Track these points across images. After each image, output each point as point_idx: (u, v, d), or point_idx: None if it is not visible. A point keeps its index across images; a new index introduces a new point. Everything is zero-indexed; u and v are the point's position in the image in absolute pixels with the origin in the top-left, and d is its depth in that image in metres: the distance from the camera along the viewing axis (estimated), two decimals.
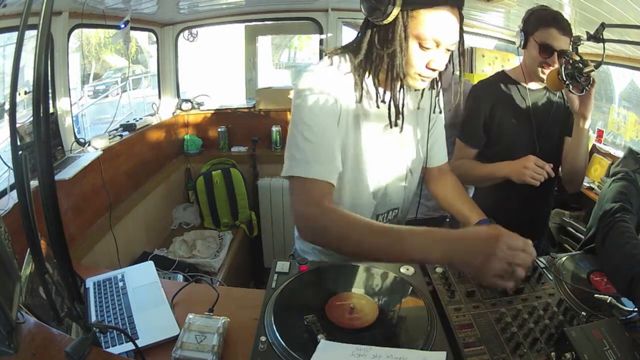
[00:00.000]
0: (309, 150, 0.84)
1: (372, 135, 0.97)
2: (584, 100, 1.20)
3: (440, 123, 1.14)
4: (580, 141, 1.28)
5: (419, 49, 0.85)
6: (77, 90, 2.86)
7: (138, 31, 2.61)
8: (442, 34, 0.83)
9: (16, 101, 0.63)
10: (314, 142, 0.84)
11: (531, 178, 1.20)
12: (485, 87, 1.43)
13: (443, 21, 0.82)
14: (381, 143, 0.99)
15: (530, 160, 1.21)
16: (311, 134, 0.84)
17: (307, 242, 0.93)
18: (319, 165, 0.84)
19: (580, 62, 1.15)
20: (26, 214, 0.60)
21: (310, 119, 0.84)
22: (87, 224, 1.87)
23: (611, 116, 2.21)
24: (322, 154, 0.84)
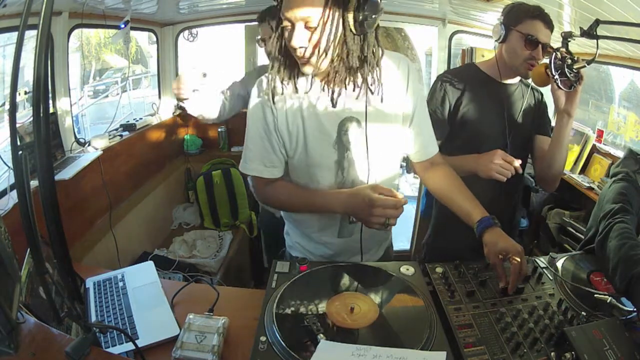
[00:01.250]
0: (247, 152, 1.03)
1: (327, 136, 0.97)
2: (570, 97, 1.18)
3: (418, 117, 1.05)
4: (562, 139, 1.25)
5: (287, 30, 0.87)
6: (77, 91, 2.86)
7: (138, 31, 2.61)
8: (286, 8, 0.84)
9: (16, 101, 0.63)
10: (250, 147, 1.02)
11: (498, 173, 1.16)
12: (453, 77, 1.36)
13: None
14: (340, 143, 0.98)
15: (498, 155, 1.17)
16: (248, 139, 1.03)
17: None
18: (253, 165, 1.03)
19: (570, 57, 1.13)
20: (26, 214, 0.60)
21: (249, 126, 1.02)
22: (87, 224, 1.87)
23: (611, 116, 2.21)
24: (256, 157, 1.02)
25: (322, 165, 1.01)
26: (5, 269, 0.68)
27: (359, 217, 0.95)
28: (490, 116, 1.33)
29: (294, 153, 1.00)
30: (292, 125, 0.97)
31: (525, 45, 1.24)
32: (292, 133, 0.98)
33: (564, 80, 1.15)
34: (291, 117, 0.96)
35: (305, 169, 1.02)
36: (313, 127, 0.97)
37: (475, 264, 1.01)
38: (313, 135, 0.97)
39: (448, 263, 1.02)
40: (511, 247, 0.92)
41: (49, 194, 0.57)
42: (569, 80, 1.15)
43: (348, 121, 0.97)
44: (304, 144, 0.98)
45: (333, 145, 0.99)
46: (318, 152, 0.99)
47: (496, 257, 0.93)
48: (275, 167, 1.03)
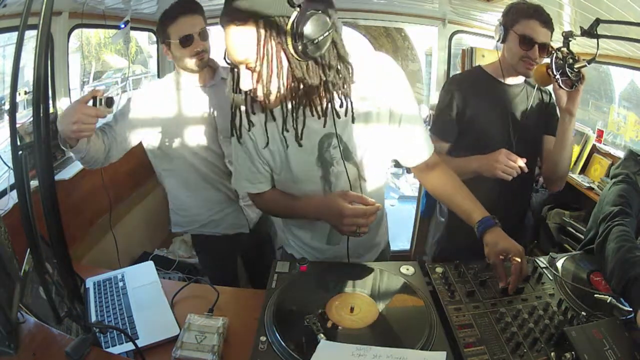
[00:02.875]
0: (235, 171, 1.07)
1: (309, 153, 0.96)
2: (571, 97, 1.18)
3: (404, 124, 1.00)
4: (565, 139, 1.25)
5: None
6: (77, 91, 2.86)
7: (138, 31, 2.61)
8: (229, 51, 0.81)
9: (16, 101, 0.63)
10: (237, 167, 1.05)
11: (503, 172, 1.17)
12: (458, 81, 1.39)
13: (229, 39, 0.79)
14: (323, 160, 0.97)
15: (502, 154, 1.17)
16: (235, 159, 1.05)
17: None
18: (242, 183, 1.06)
19: (571, 57, 1.13)
20: (26, 214, 0.60)
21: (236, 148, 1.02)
22: (87, 224, 1.87)
23: (611, 116, 2.21)
24: (243, 176, 1.05)
25: (307, 181, 1.00)
26: (5, 269, 0.68)
27: (331, 224, 0.96)
28: (494, 117, 1.33)
29: (279, 170, 1.01)
30: (272, 145, 0.96)
31: (520, 45, 1.24)
32: (274, 152, 0.97)
33: (565, 80, 1.15)
34: (270, 138, 0.95)
35: (292, 185, 1.02)
36: (293, 146, 0.95)
37: (475, 264, 1.01)
38: (294, 154, 0.96)
39: (448, 263, 1.02)
40: (512, 247, 0.92)
41: (49, 194, 0.57)
42: (570, 80, 1.15)
43: (327, 138, 0.95)
44: (286, 162, 0.98)
45: (316, 163, 0.97)
46: (301, 169, 0.98)
47: (497, 257, 0.92)
48: (261, 182, 1.05)
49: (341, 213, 0.90)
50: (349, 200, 0.91)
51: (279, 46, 0.77)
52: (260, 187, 1.05)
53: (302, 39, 0.74)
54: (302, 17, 0.73)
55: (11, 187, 1.36)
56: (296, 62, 0.78)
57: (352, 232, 0.92)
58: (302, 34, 0.73)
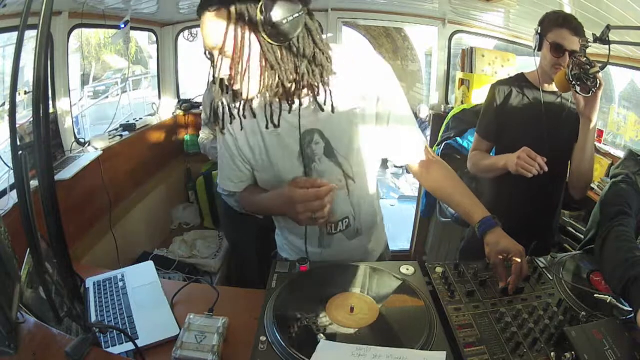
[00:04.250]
0: (219, 169, 1.08)
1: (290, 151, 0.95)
2: (589, 102, 1.20)
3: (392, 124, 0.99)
4: (585, 144, 1.28)
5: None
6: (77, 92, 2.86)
7: (138, 31, 2.61)
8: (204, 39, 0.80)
9: (16, 101, 0.63)
10: (220, 165, 1.06)
11: (522, 169, 1.23)
12: (501, 85, 1.49)
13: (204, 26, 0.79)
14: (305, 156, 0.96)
15: (524, 151, 1.25)
16: (219, 158, 1.06)
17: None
18: (223, 181, 1.07)
19: (587, 63, 1.16)
20: (26, 214, 0.60)
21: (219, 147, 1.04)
22: (87, 224, 1.87)
23: (611, 116, 2.21)
24: (225, 175, 1.06)
25: (288, 176, 0.98)
26: (5, 269, 0.68)
27: (290, 217, 0.92)
28: (530, 122, 1.39)
29: (261, 168, 1.00)
30: (252, 142, 0.96)
31: (552, 53, 1.31)
32: (255, 150, 0.97)
33: (582, 86, 1.18)
34: (251, 135, 0.95)
35: (275, 183, 1.00)
36: (274, 142, 0.94)
37: (475, 264, 1.01)
38: (275, 151, 0.95)
39: (448, 263, 1.02)
40: (513, 248, 0.92)
41: (49, 194, 0.57)
42: (587, 86, 1.17)
43: (309, 134, 0.93)
44: (267, 159, 0.97)
45: (297, 159, 0.96)
46: (283, 166, 0.97)
47: (497, 257, 0.92)
48: (243, 181, 1.05)
49: (292, 200, 0.87)
50: (300, 186, 0.88)
51: (250, 31, 0.77)
52: (241, 187, 1.05)
53: (271, 21, 0.74)
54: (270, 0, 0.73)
55: (11, 187, 1.36)
56: (268, 46, 0.78)
57: (309, 219, 0.87)
58: (270, 18, 0.74)
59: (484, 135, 1.51)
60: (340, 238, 1.07)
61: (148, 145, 2.54)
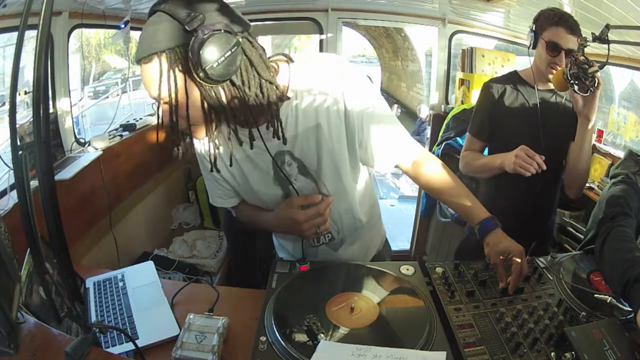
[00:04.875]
0: (208, 190, 1.08)
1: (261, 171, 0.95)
2: (588, 102, 1.20)
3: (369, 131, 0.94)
4: (583, 143, 1.27)
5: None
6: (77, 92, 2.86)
7: (138, 31, 2.60)
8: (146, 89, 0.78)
9: (16, 101, 0.63)
10: (207, 184, 1.07)
11: (520, 167, 1.22)
12: (494, 83, 1.47)
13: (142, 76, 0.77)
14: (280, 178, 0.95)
15: (521, 150, 1.23)
16: (207, 181, 1.07)
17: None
18: (214, 198, 1.08)
19: (586, 62, 1.15)
20: (26, 214, 0.60)
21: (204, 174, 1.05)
22: (87, 224, 1.87)
23: (611, 116, 2.21)
24: (213, 192, 1.07)
25: (270, 200, 0.99)
26: (5, 269, 0.68)
27: (292, 232, 0.98)
28: (525, 120, 1.38)
29: (242, 191, 1.02)
30: (232, 167, 0.94)
31: (547, 51, 1.29)
32: (234, 174, 0.98)
33: (580, 85, 1.17)
34: (227, 161, 0.93)
35: (259, 203, 1.03)
36: (249, 167, 0.94)
37: (475, 264, 1.01)
38: (252, 175, 0.96)
39: (448, 263, 1.02)
40: (513, 248, 0.92)
41: (49, 194, 0.57)
42: (585, 85, 1.17)
43: (279, 155, 0.92)
44: (247, 183, 0.98)
45: (273, 182, 0.96)
46: (262, 189, 0.98)
47: (497, 257, 0.92)
48: (232, 197, 1.06)
49: (296, 221, 0.92)
50: (297, 206, 0.93)
51: (185, 76, 0.73)
52: (232, 202, 1.07)
53: (202, 65, 0.69)
54: (197, 42, 0.69)
55: (11, 187, 1.36)
56: (207, 87, 0.74)
57: (315, 233, 0.94)
58: (200, 61, 0.69)
59: (477, 134, 1.49)
60: (324, 249, 1.09)
61: (148, 145, 2.54)
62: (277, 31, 3.47)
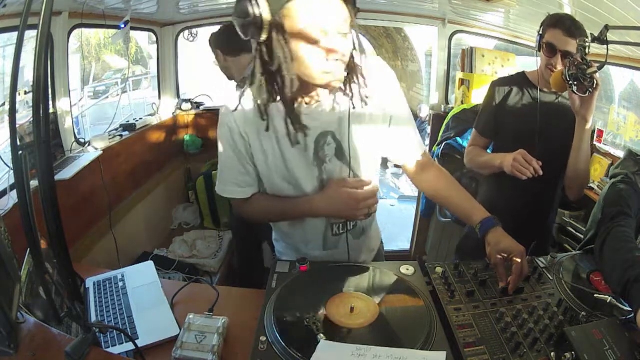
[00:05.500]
0: (221, 175, 1.03)
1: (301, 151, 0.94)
2: (586, 102, 1.20)
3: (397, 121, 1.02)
4: (581, 144, 1.27)
5: (309, 46, 0.77)
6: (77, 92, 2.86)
7: (138, 31, 2.61)
8: (324, 16, 0.75)
9: (16, 101, 0.63)
10: (224, 170, 1.02)
11: (517, 171, 1.25)
12: (501, 82, 1.50)
13: (317, 4, 0.75)
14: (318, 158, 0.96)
15: (519, 154, 1.26)
16: (221, 162, 1.02)
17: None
18: (228, 188, 1.03)
19: (584, 63, 1.15)
20: (26, 214, 0.60)
21: (220, 150, 1.00)
22: (87, 224, 1.87)
23: (611, 116, 2.21)
24: (230, 179, 1.02)
25: (304, 180, 0.98)
26: (5, 269, 0.68)
27: (343, 214, 0.98)
28: (527, 121, 1.40)
29: (273, 171, 0.97)
30: (266, 146, 0.94)
31: (545, 53, 1.32)
32: (268, 153, 0.95)
33: (579, 86, 1.18)
34: (265, 138, 0.93)
35: (285, 187, 0.99)
36: (288, 145, 0.93)
37: (475, 264, 1.01)
38: (290, 153, 0.94)
39: (448, 263, 1.02)
40: (514, 248, 0.92)
41: (49, 194, 0.57)
42: (583, 86, 1.17)
43: (323, 136, 0.94)
44: (282, 162, 0.96)
45: (312, 162, 0.96)
46: (298, 168, 0.96)
47: (498, 257, 0.93)
48: (250, 186, 1.02)
49: (355, 199, 0.94)
50: (351, 187, 0.95)
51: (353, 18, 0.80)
52: (247, 192, 1.02)
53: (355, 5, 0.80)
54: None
55: (11, 187, 1.36)
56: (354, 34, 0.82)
57: (365, 215, 0.96)
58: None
59: (482, 131, 1.53)
60: (346, 238, 1.08)
61: (148, 145, 2.54)
62: None
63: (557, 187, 1.49)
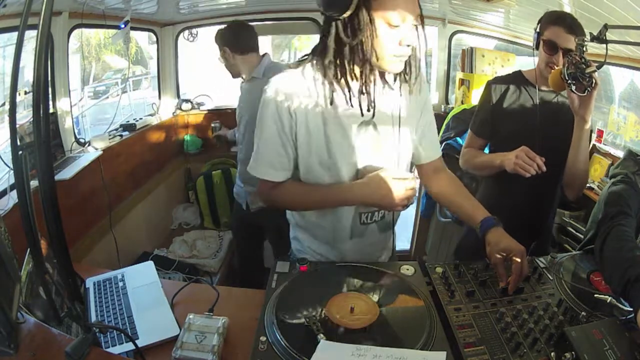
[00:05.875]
0: (257, 154, 1.01)
1: (345, 136, 0.97)
2: (584, 102, 1.19)
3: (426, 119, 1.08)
4: (580, 144, 1.27)
5: (388, 29, 0.86)
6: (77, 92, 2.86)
7: (138, 31, 2.61)
8: (406, 6, 0.84)
9: (16, 101, 0.63)
10: (261, 149, 1.00)
11: (520, 168, 1.22)
12: (498, 81, 1.48)
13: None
14: (357, 143, 0.98)
15: (522, 150, 1.24)
16: (260, 140, 0.99)
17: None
18: (263, 168, 1.01)
19: (583, 62, 1.15)
20: (26, 214, 0.60)
21: (262, 128, 0.98)
22: (87, 224, 1.87)
23: (611, 116, 2.21)
24: (266, 159, 0.99)
25: (342, 166, 0.99)
26: (5, 269, 0.68)
27: (382, 202, 0.97)
28: (525, 120, 1.38)
29: (312, 154, 0.98)
30: (312, 125, 0.95)
31: (545, 50, 1.30)
32: (313, 134, 0.96)
33: (577, 85, 1.17)
34: (312, 118, 0.95)
35: (323, 172, 1.00)
36: (334, 129, 0.95)
37: (475, 264, 1.01)
38: (334, 137, 0.96)
39: (448, 263, 1.02)
40: (513, 247, 0.93)
41: (49, 194, 0.57)
42: (582, 85, 1.16)
43: (365, 124, 0.98)
44: (325, 145, 0.97)
45: (352, 148, 0.98)
46: (339, 153, 0.98)
47: (498, 257, 0.93)
48: (285, 170, 1.01)
49: (397, 189, 0.94)
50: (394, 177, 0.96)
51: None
52: (280, 175, 1.01)
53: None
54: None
55: (11, 187, 1.36)
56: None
57: (404, 206, 0.97)
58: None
59: (478, 132, 1.50)
60: (372, 229, 1.09)
61: (148, 145, 2.54)
62: (277, 31, 3.47)
63: (557, 187, 1.48)
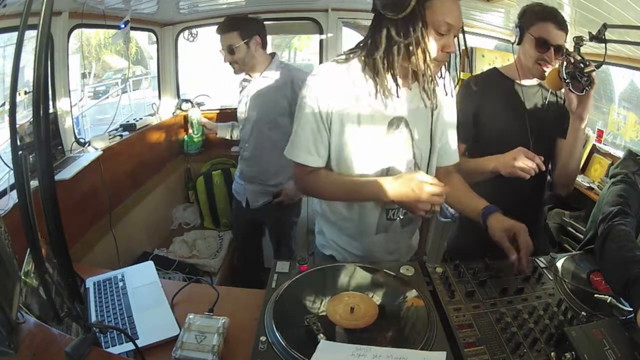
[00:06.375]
0: (295, 139, 1.05)
1: (376, 133, 1.01)
2: (582, 101, 1.18)
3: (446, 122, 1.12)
4: (575, 142, 1.26)
5: (436, 35, 0.92)
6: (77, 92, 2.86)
7: (138, 31, 2.61)
8: (455, 19, 0.92)
9: (16, 101, 0.63)
10: (299, 134, 1.04)
11: (521, 171, 1.17)
12: (475, 82, 1.38)
13: (453, 6, 0.92)
14: (387, 141, 1.02)
15: (520, 152, 1.18)
16: (298, 126, 1.04)
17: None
18: (299, 152, 1.05)
19: (582, 61, 1.14)
20: (26, 214, 0.60)
21: (302, 113, 1.03)
22: (87, 224, 1.87)
23: (611, 116, 2.21)
24: (303, 144, 1.04)
25: (370, 160, 1.03)
26: (5, 269, 0.68)
27: (407, 202, 0.97)
28: (511, 117, 1.34)
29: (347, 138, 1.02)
30: (348, 118, 1.00)
31: (536, 48, 1.26)
32: (346, 125, 1.00)
33: (575, 84, 1.16)
34: (349, 110, 0.99)
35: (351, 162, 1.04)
36: (368, 123, 1.00)
37: (475, 264, 1.01)
38: (364, 132, 1.01)
39: (448, 263, 1.02)
40: (516, 224, 0.99)
41: (49, 194, 0.57)
42: (580, 84, 1.15)
43: (397, 120, 1.02)
44: (357, 128, 1.01)
45: (380, 144, 1.02)
46: (368, 148, 1.02)
47: (501, 233, 0.98)
48: (320, 156, 1.05)
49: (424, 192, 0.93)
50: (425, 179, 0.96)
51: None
52: (315, 161, 1.05)
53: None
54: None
55: (11, 187, 1.36)
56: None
57: (427, 210, 0.96)
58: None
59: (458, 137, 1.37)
60: (397, 225, 1.13)
61: (148, 145, 2.54)
62: (277, 31, 3.47)
63: (545, 185, 1.45)
